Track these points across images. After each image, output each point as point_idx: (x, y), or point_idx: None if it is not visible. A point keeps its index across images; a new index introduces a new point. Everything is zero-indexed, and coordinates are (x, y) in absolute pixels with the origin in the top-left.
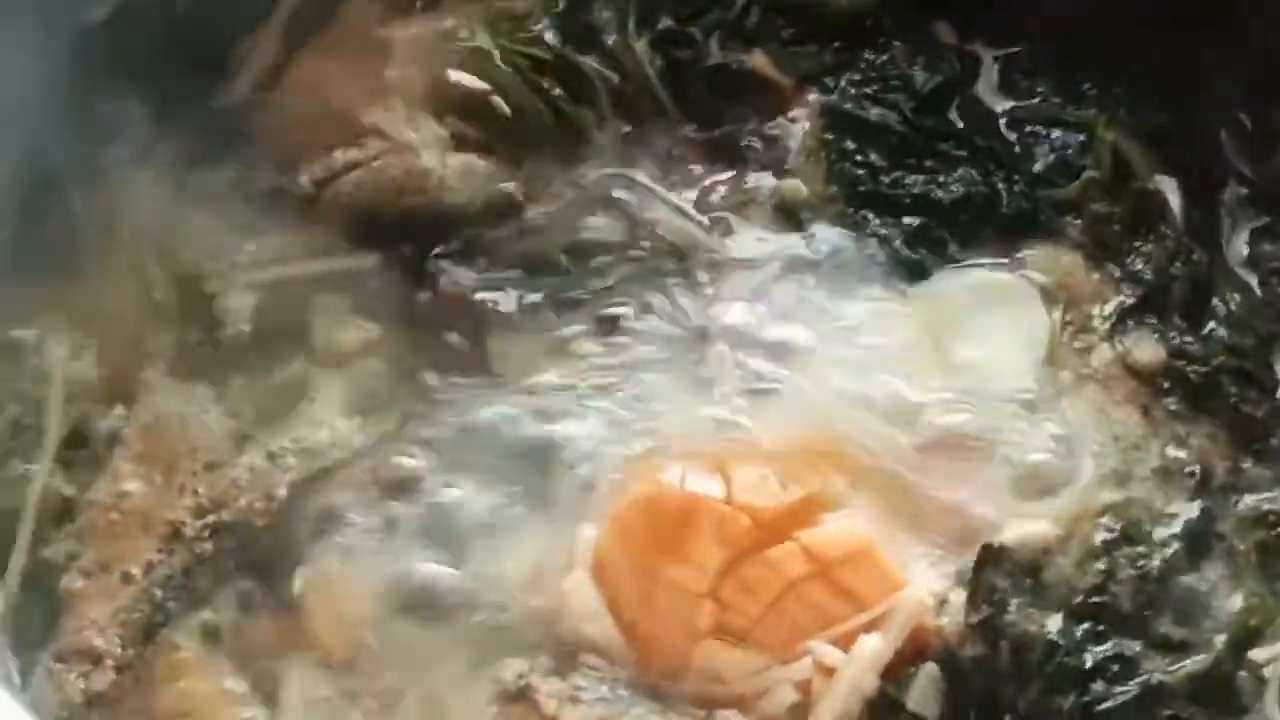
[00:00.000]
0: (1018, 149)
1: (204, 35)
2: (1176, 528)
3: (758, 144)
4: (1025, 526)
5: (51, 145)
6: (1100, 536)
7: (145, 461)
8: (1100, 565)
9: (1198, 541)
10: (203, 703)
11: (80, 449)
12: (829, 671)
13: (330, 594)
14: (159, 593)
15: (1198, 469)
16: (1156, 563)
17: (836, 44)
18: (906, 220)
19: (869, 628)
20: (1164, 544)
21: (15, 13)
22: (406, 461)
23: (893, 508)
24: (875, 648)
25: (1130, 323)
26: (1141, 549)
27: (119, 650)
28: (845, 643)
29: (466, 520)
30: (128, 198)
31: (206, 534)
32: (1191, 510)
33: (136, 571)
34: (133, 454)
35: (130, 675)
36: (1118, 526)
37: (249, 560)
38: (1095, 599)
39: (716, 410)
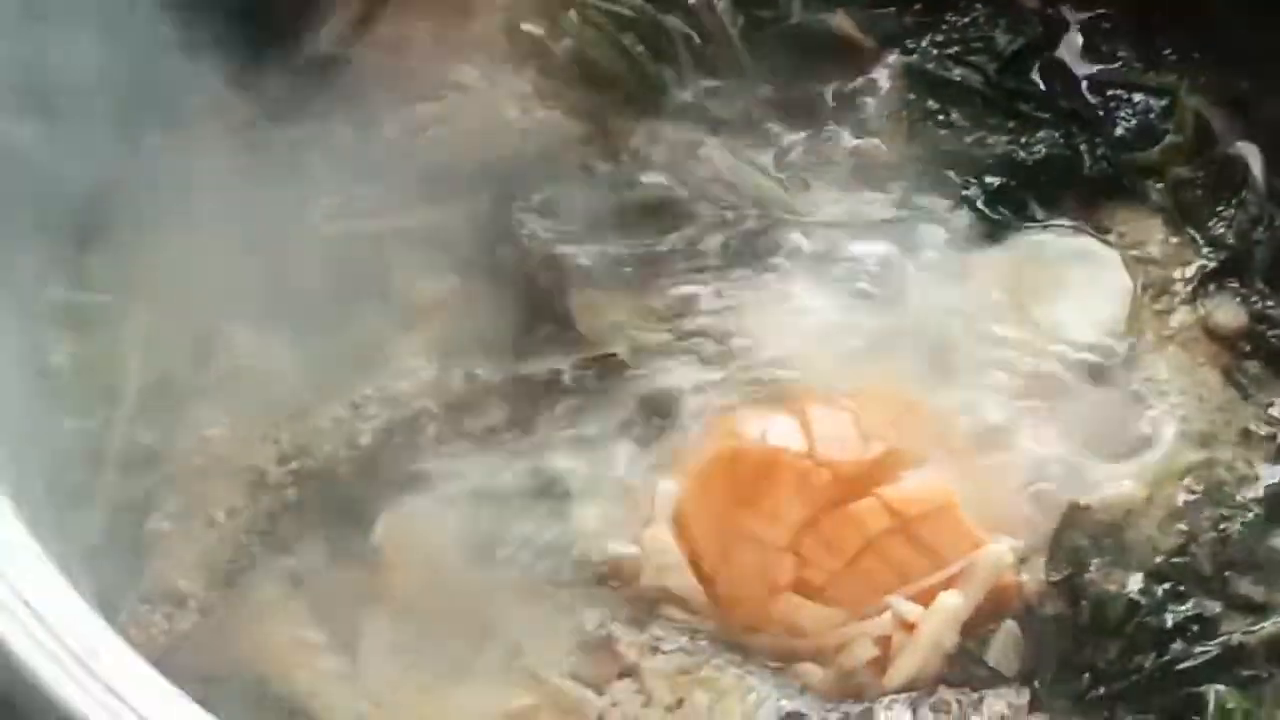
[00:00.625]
0: (1100, 112)
1: None
2: (1258, 490)
3: (838, 104)
4: (1108, 486)
5: (136, 99)
6: (1182, 498)
7: (228, 409)
8: (1182, 526)
9: (1279, 504)
10: (282, 649)
11: (162, 398)
12: (909, 627)
13: (409, 543)
14: (243, 537)
15: (1278, 433)
16: (1238, 525)
17: (918, 5)
18: (989, 180)
19: (949, 584)
20: (1246, 506)
21: None
22: (488, 413)
23: (974, 465)
24: (955, 604)
25: (1211, 286)
26: (1223, 510)
27: (202, 593)
28: (925, 599)
29: (549, 471)
30: (210, 151)
31: (290, 480)
32: (1273, 473)
33: (220, 516)
34: (215, 402)
35: (214, 618)
36: (1200, 488)
37: (332, 507)
38: (1176, 559)
39: (795, 366)
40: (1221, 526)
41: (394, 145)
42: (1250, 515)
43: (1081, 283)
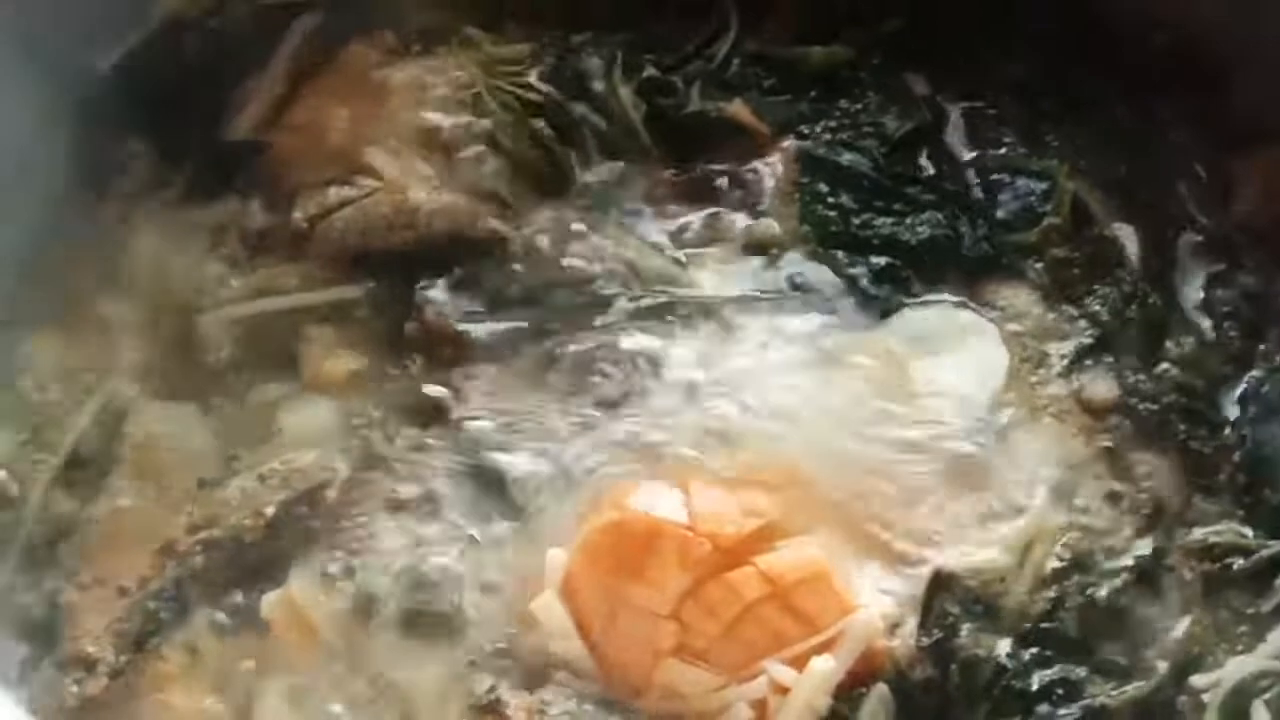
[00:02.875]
0: (983, 195)
1: (209, 79)
2: (1126, 558)
3: (734, 186)
4: (978, 553)
5: (61, 179)
6: (1051, 565)
7: (141, 478)
8: (1050, 592)
9: (1146, 572)
10: (184, 718)
11: (79, 469)
12: (783, 690)
13: (295, 614)
14: (152, 604)
15: (1149, 502)
16: (1105, 591)
17: (813, 93)
18: (874, 260)
19: (822, 649)
20: (1113, 573)
21: (29, 59)
22: (386, 485)
23: (848, 534)
24: (827, 668)
25: (1087, 361)
26: (1091, 578)
27: (112, 658)
28: (799, 663)
29: (441, 542)
30: (129, 229)
31: (198, 549)
32: (1141, 541)
33: (131, 585)
34: (130, 471)
35: (121, 682)
36: (1068, 555)
37: (237, 575)
38: (1044, 624)
39: (681, 440)
40: (1088, 592)
41: (305, 226)
42: (1117, 582)
43: (960, 356)
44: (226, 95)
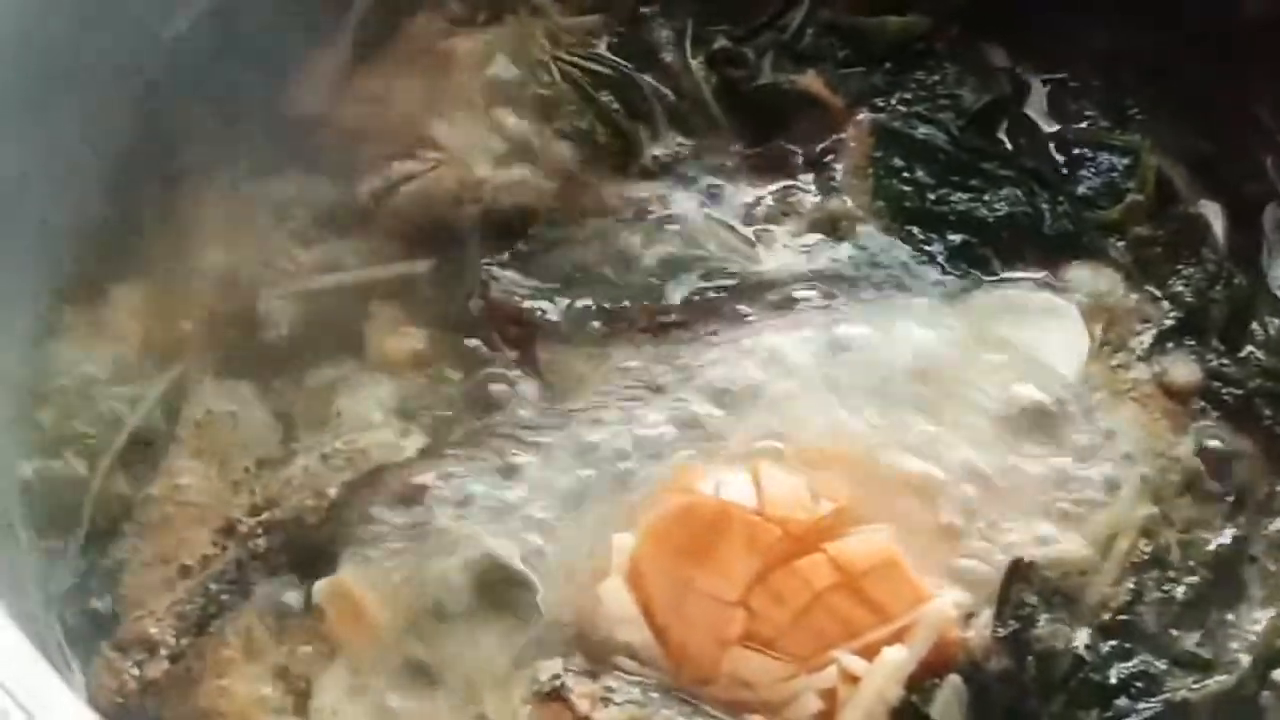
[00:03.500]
0: (1063, 170)
1: (272, 49)
2: (1209, 547)
3: (807, 160)
4: (1059, 543)
5: (128, 151)
6: (1132, 556)
7: (200, 457)
8: (1130, 583)
9: (1229, 562)
10: (239, 705)
11: (139, 445)
12: (854, 680)
13: (347, 601)
14: (213, 586)
15: (1232, 490)
16: (1187, 581)
17: (888, 65)
18: (951, 237)
19: (894, 639)
20: (1195, 563)
21: (96, 27)
22: (453, 467)
23: (923, 521)
24: (899, 658)
25: (1169, 344)
26: (1172, 568)
27: (173, 640)
28: (870, 653)
29: (509, 524)
30: (194, 202)
31: (260, 530)
32: (1225, 531)
33: (193, 564)
34: (188, 451)
35: (182, 665)
36: (1149, 546)
37: (300, 557)
38: (1123, 616)
39: (757, 420)
40: (1169, 583)
41: (370, 201)
42: (1200, 572)
43: (1041, 338)
44: (291, 67)
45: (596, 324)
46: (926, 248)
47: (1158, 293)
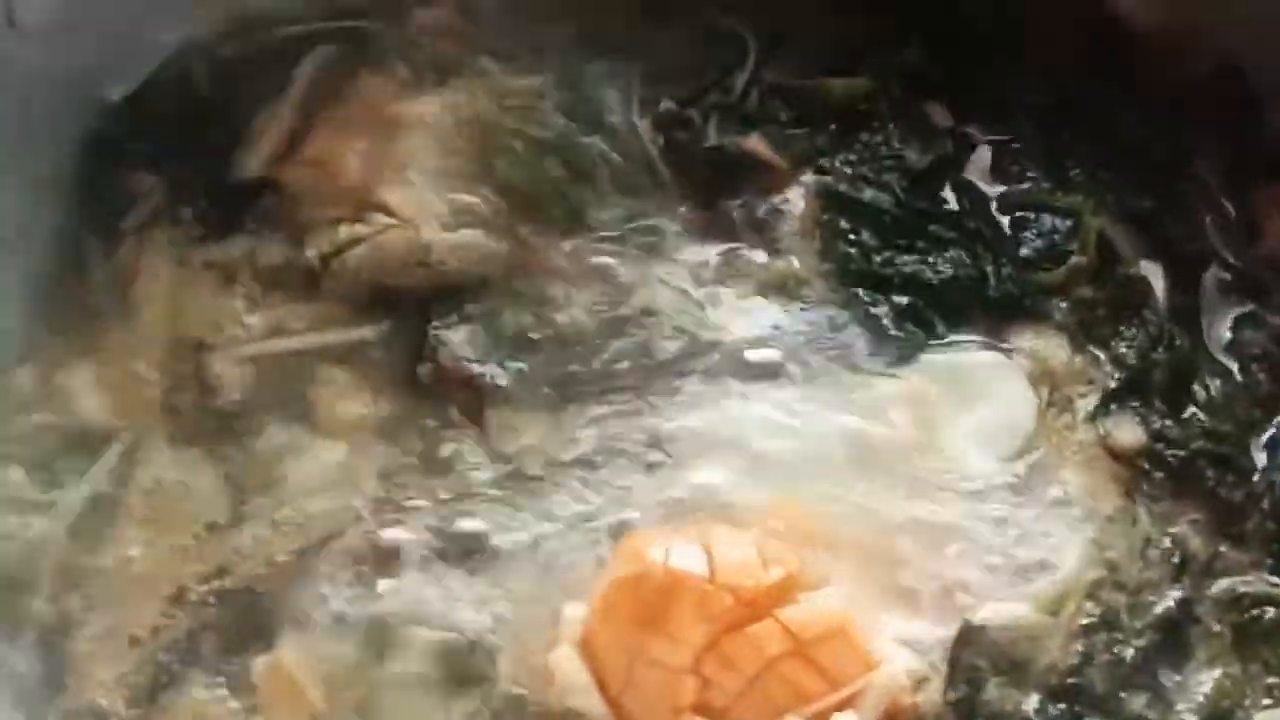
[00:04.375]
0: (1007, 232)
1: (221, 112)
2: (1155, 610)
3: (752, 222)
4: (1007, 608)
5: (72, 213)
6: (1080, 619)
7: (149, 527)
8: (1078, 646)
9: (1175, 624)
10: None
11: (87, 517)
12: None
13: (284, 680)
14: (164, 656)
15: (1177, 551)
16: (1135, 644)
17: (832, 126)
18: (896, 299)
19: (845, 705)
20: (1141, 626)
21: (42, 88)
22: (403, 533)
23: (873, 585)
24: None
25: (1113, 405)
26: (1119, 631)
27: (123, 710)
28: None
29: (455, 593)
30: (140, 266)
31: (212, 599)
32: (1169, 593)
33: (143, 634)
34: (137, 520)
35: None
36: (1098, 609)
37: (251, 626)
38: (1072, 679)
39: (707, 485)
40: (1117, 646)
41: (318, 264)
42: (1146, 635)
43: (987, 400)
44: (238, 129)
45: (546, 388)
46: (873, 309)
47: (1101, 354)
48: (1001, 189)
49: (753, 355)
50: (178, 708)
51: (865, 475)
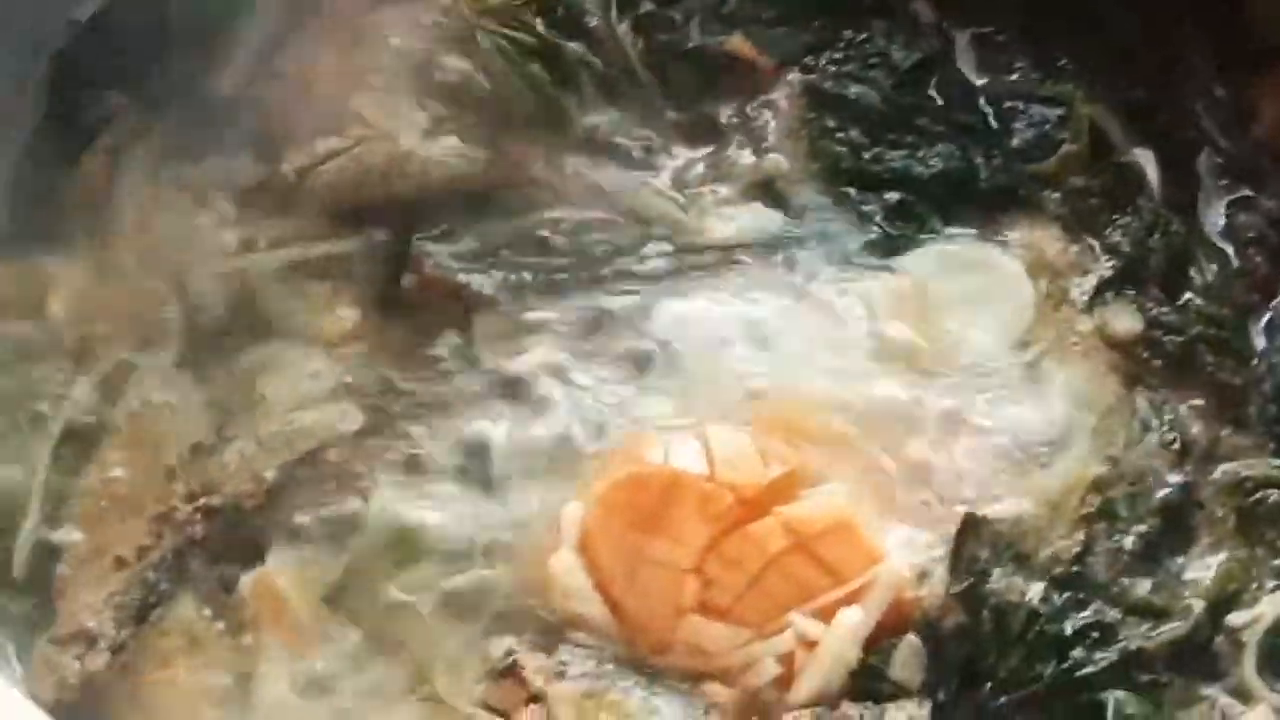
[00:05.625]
0: (996, 124)
1: (193, 27)
2: (1157, 497)
3: (739, 123)
4: (1009, 500)
5: (44, 135)
6: (1083, 509)
7: (133, 448)
8: (1081, 535)
9: (1177, 510)
10: (184, 696)
11: (70, 439)
12: (811, 644)
13: (273, 594)
14: (151, 575)
15: (1178, 438)
16: (1137, 531)
17: (817, 24)
18: (887, 195)
19: (849, 600)
20: (1144, 513)
21: (8, 9)
22: (390, 443)
23: (875, 480)
24: (855, 620)
25: (1109, 294)
26: (1122, 519)
27: (113, 632)
28: (826, 616)
29: (450, 500)
30: (115, 187)
31: (198, 517)
32: (1172, 478)
33: (129, 555)
34: (121, 441)
35: (124, 656)
36: (1100, 498)
37: (239, 543)
38: (1076, 568)
39: (697, 390)
40: (1121, 533)
41: (296, 179)
42: (1150, 521)
43: (985, 294)
44: (211, 45)
45: (532, 295)
46: (864, 207)
47: (1096, 243)
48: (989, 81)
49: (743, 256)
50: (167, 626)
51: (862, 371)
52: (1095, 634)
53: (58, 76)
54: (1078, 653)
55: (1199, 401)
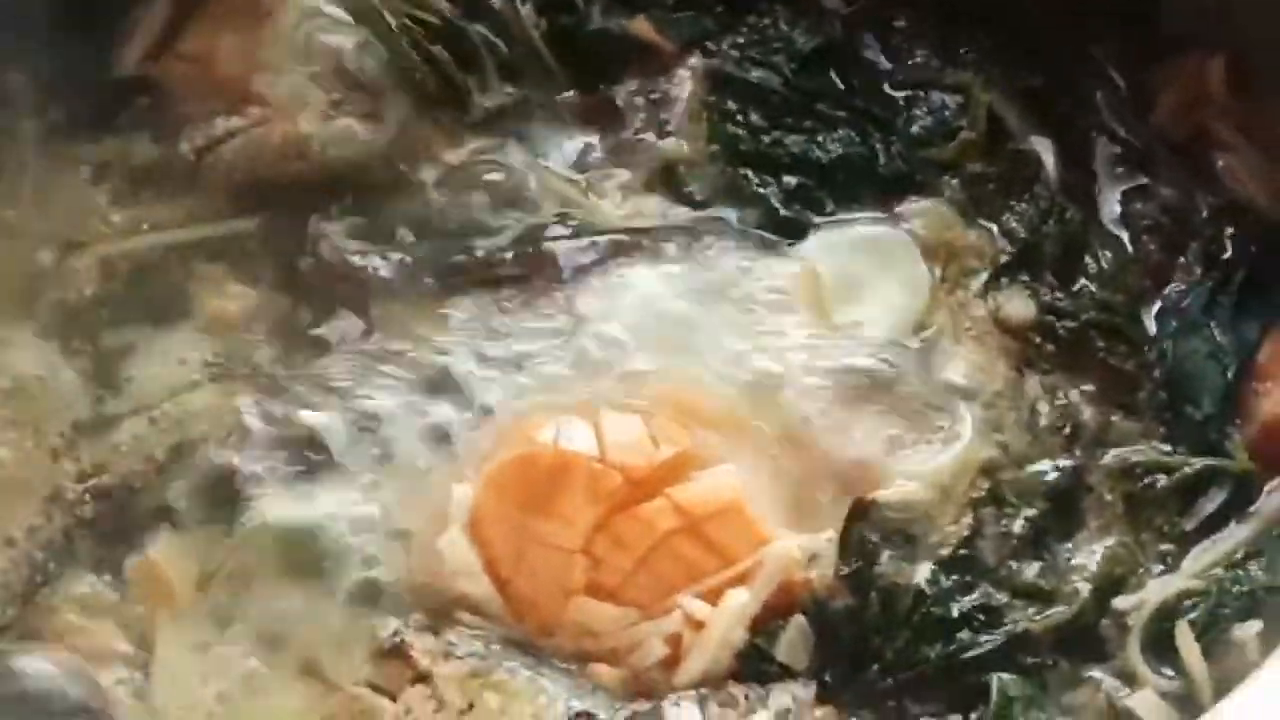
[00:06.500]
0: (896, 110)
1: (93, 5)
2: (1045, 481)
3: (640, 106)
4: (900, 485)
5: None
6: (972, 492)
7: (12, 427)
8: (969, 519)
9: (1066, 494)
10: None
11: None
12: (698, 625)
13: (155, 578)
14: (39, 555)
15: (1068, 423)
16: (1025, 515)
17: (719, 9)
18: (786, 179)
19: (737, 582)
20: (1033, 496)
21: None
22: (280, 427)
23: (765, 463)
24: (742, 601)
25: (1004, 279)
26: (1012, 502)
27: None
28: (713, 597)
29: (343, 480)
30: (8, 164)
31: (88, 497)
32: (1061, 463)
33: (18, 535)
34: (6, 420)
35: (10, 635)
36: (989, 480)
37: (128, 523)
38: (963, 551)
39: (589, 373)
40: (1009, 517)
41: (193, 158)
42: (1038, 505)
43: (881, 276)
44: (111, 25)
45: (429, 279)
46: (762, 190)
47: (993, 228)
48: (890, 68)
49: (639, 239)
50: (56, 603)
51: (757, 354)
52: (982, 616)
53: None
54: (964, 635)
55: (1090, 387)
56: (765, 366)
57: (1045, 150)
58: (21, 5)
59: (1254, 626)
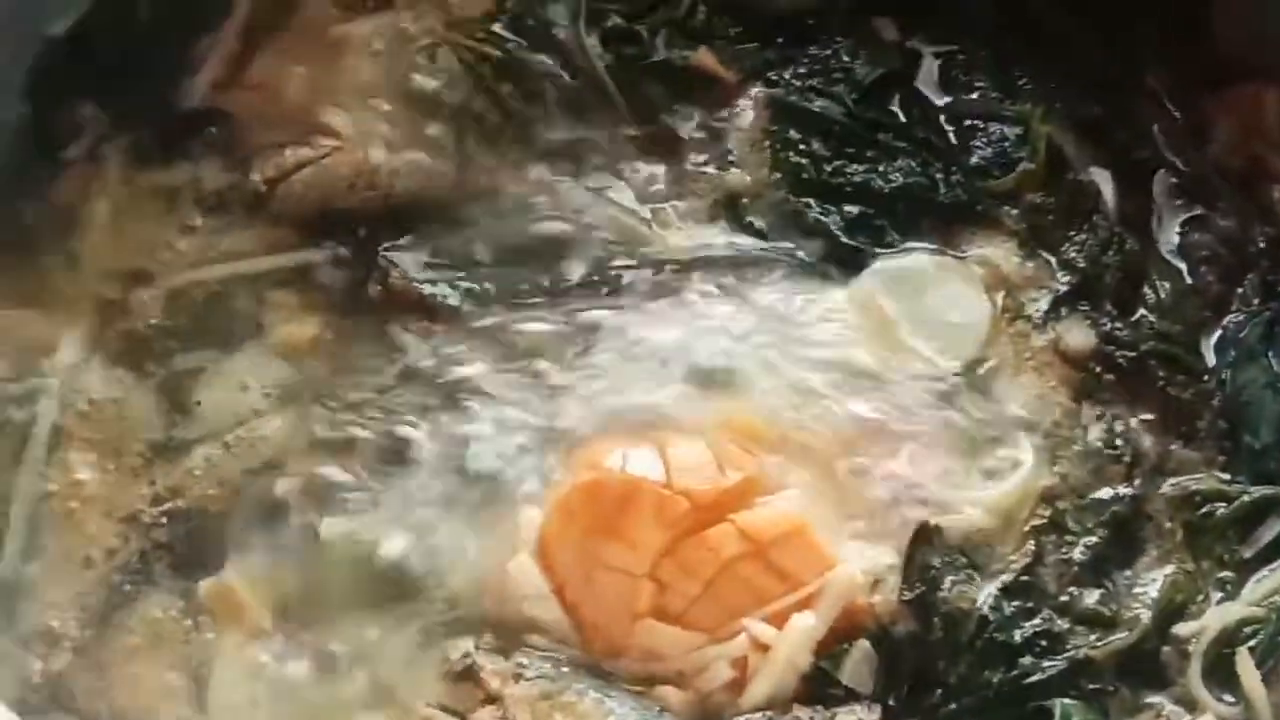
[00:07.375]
0: (956, 141)
1: (163, 38)
2: (1106, 510)
3: (702, 137)
4: (962, 510)
5: (13, 147)
6: (1033, 520)
7: (93, 449)
8: (1031, 545)
9: (1126, 522)
10: (146, 695)
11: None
12: (763, 648)
13: (231, 600)
14: (116, 577)
15: (1128, 452)
16: (1087, 542)
17: (780, 40)
18: (847, 209)
19: (802, 606)
20: (1093, 525)
21: None
22: (352, 451)
23: (829, 489)
24: (808, 625)
25: (1064, 310)
26: (1072, 530)
27: (76, 632)
28: (779, 621)
29: (414, 506)
30: (83, 197)
31: (163, 520)
32: (1121, 492)
33: (97, 556)
34: (78, 442)
35: (87, 657)
36: (1050, 508)
37: (202, 547)
38: (1026, 577)
39: (661, 398)
40: (1070, 544)
41: (264, 188)
42: (1099, 533)
43: (942, 306)
44: (181, 57)
45: (496, 307)
46: (824, 219)
47: (1052, 259)
48: (950, 99)
49: (704, 270)
50: (132, 626)
51: (820, 382)
52: (1044, 643)
53: (34, 90)
54: (1026, 661)
55: (1150, 416)
56: (827, 393)
57: (1104, 181)
58: (93, 38)
59: None
